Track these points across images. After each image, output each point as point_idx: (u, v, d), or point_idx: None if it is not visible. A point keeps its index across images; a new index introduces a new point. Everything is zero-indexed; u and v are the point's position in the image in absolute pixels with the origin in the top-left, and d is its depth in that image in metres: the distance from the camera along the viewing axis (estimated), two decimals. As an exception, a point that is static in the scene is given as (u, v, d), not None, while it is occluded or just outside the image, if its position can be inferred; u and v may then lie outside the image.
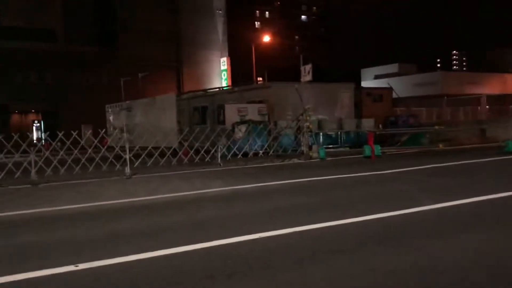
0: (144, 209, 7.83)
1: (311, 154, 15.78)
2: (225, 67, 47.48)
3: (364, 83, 46.88)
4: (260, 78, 56.47)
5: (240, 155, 16.10)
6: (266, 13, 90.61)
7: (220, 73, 48.04)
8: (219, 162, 14.16)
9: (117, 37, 43.86)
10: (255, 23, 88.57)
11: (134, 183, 11.19)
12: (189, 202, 8.43)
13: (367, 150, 15.48)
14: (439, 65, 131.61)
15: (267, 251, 4.95)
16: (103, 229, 6.39)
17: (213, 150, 14.85)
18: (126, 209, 7.89)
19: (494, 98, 37.25)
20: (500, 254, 4.56)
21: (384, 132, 18.84)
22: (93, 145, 13.85)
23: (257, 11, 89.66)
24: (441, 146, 17.63)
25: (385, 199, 7.82)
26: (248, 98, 21.13)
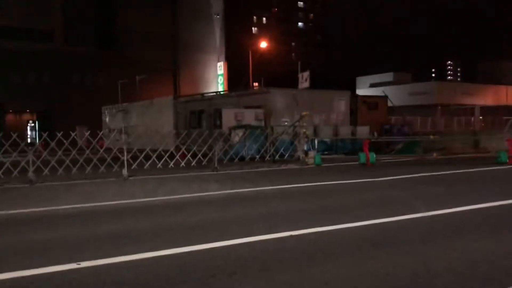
0: (143, 210, 7.93)
1: (307, 160, 15.93)
2: (222, 72, 47.67)
3: (360, 91, 47.22)
4: (256, 84, 56.67)
5: (237, 160, 16.22)
6: (264, 19, 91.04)
7: (217, 77, 48.21)
8: (216, 166, 14.25)
9: (115, 39, 43.97)
10: (252, 29, 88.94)
11: (132, 185, 11.27)
12: (187, 205, 8.53)
13: (362, 157, 15.65)
14: (434, 75, 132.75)
15: (266, 253, 5.08)
16: (104, 229, 6.48)
17: (210, 154, 14.96)
18: (125, 210, 7.98)
19: (488, 109, 37.70)
20: (493, 260, 4.71)
21: (379, 140, 19.03)
22: (91, 146, 13.92)
23: (255, 17, 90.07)
24: (436, 155, 17.85)
25: (380, 206, 7.97)
26: (245, 103, 21.28)
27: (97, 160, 13.66)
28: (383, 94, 29.83)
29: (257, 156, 16.84)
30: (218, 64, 48.38)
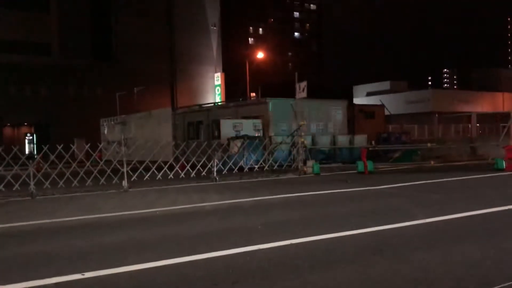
0: (144, 221, 7.99)
1: (306, 169, 16.02)
2: (219, 82, 47.88)
3: (356, 100, 47.51)
4: (253, 94, 56.92)
5: (236, 170, 16.31)
6: (260, 30, 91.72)
7: (214, 88, 48.41)
8: (215, 177, 14.33)
9: (112, 51, 44.19)
10: (249, 39, 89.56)
11: (132, 196, 11.32)
12: (188, 215, 8.60)
13: (360, 166, 15.75)
14: (430, 83, 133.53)
15: (267, 262, 5.15)
16: (106, 240, 6.54)
17: (209, 165, 15.04)
18: (126, 221, 8.04)
19: (484, 116, 37.93)
20: (490, 265, 4.80)
21: (377, 148, 19.16)
22: (91, 159, 13.99)
23: (251, 28, 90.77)
24: (433, 163, 17.96)
25: (379, 213, 8.05)
26: (243, 114, 21.40)
27: (97, 172, 13.72)
28: (380, 103, 30.06)
29: (256, 166, 16.92)
30: (215, 75, 48.60)
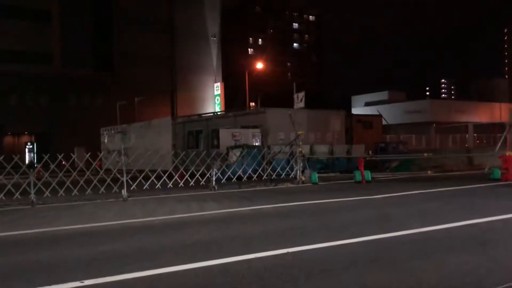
0: (143, 230, 8.08)
1: (304, 179, 16.13)
2: (219, 92, 48.14)
3: (355, 110, 47.75)
4: (253, 103, 57.21)
5: (234, 179, 16.40)
6: (259, 40, 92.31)
7: (214, 98, 48.66)
8: (214, 186, 14.42)
9: (113, 62, 44.51)
10: (249, 50, 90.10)
11: (132, 205, 11.41)
12: (186, 224, 8.69)
13: (358, 176, 15.87)
14: (428, 93, 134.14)
15: (264, 270, 5.25)
16: (106, 248, 6.63)
17: (208, 174, 15.14)
18: (126, 230, 8.13)
19: (482, 126, 38.11)
20: (483, 273, 4.90)
21: (374, 158, 19.29)
22: (91, 168, 14.09)
23: (251, 38, 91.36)
24: (430, 173, 18.09)
25: (375, 223, 8.15)
26: (242, 123, 21.57)
27: (97, 181, 13.82)
28: (378, 113, 30.26)
29: (254, 176, 17.02)
30: (215, 85, 48.90)
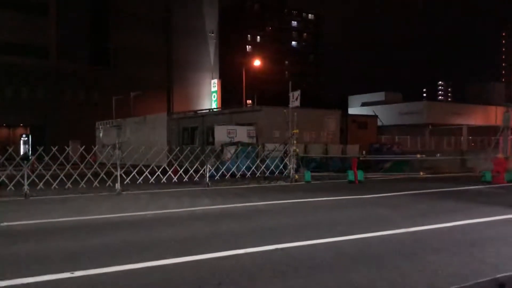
0: (135, 224, 8.14)
1: (297, 177, 16.22)
2: (216, 89, 48.10)
3: (351, 110, 47.85)
4: (249, 101, 57.23)
5: (228, 176, 16.47)
6: (258, 38, 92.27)
7: (210, 95, 48.64)
8: (207, 182, 14.49)
9: (109, 56, 44.42)
10: (246, 47, 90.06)
11: (125, 199, 11.47)
12: (178, 219, 8.76)
13: (351, 175, 15.96)
14: (425, 95, 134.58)
15: (253, 265, 5.33)
16: (97, 241, 6.69)
17: (202, 170, 15.20)
18: (118, 224, 8.19)
19: (477, 129, 38.29)
20: (467, 273, 4.99)
21: (368, 159, 19.40)
22: (85, 161, 14.12)
23: (249, 36, 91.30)
24: (422, 174, 18.22)
25: (365, 222, 8.25)
26: (238, 120, 21.61)
27: (91, 175, 13.85)
28: (373, 114, 30.37)
29: (248, 173, 17.09)
30: (212, 82, 48.85)
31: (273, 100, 35.37)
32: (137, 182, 14.11)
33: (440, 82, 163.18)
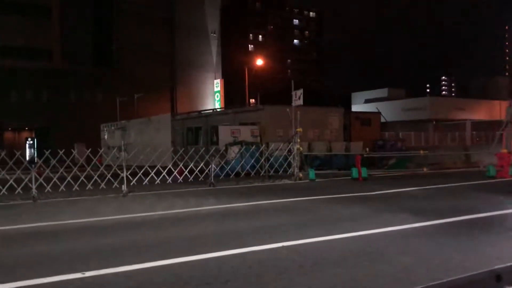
0: (143, 224, 8.28)
1: (301, 176, 16.32)
2: (219, 89, 48.20)
3: (355, 107, 47.86)
4: (253, 100, 57.29)
5: (233, 175, 16.59)
6: (260, 37, 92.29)
7: (214, 94, 48.75)
8: (212, 182, 14.62)
9: (113, 57, 44.57)
10: (249, 46, 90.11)
11: (131, 200, 11.62)
12: (184, 218, 8.89)
13: (355, 172, 16.05)
14: (428, 90, 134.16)
15: (258, 263, 5.45)
16: (106, 242, 6.83)
17: (207, 170, 15.33)
18: (126, 224, 8.33)
19: (481, 124, 38.25)
20: (469, 266, 5.08)
21: (372, 155, 19.48)
22: (92, 163, 14.28)
23: (251, 34, 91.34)
24: (425, 170, 18.27)
25: (368, 218, 8.35)
26: (241, 120, 21.74)
27: (97, 177, 14.01)
28: (376, 110, 30.41)
29: (253, 172, 17.21)
30: (215, 81, 48.95)
31: (276, 98, 35.43)
32: (143, 183, 14.26)
33: (444, 77, 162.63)
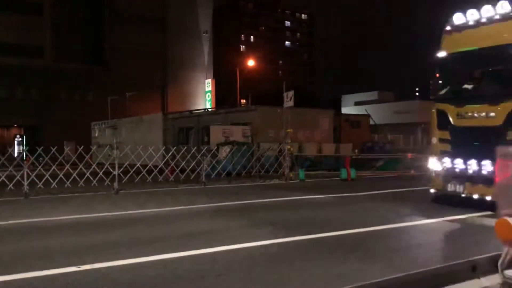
0: (135, 221, 8.42)
1: (292, 176, 16.52)
2: (210, 88, 48.23)
3: (345, 109, 48.28)
4: (244, 100, 57.44)
5: (224, 175, 16.73)
6: (251, 38, 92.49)
7: (205, 94, 48.82)
8: (204, 181, 14.75)
9: (104, 56, 44.46)
10: (240, 47, 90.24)
11: (123, 198, 11.71)
12: (176, 216, 9.04)
13: (344, 173, 16.30)
14: (418, 94, 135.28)
15: (250, 258, 5.64)
16: (100, 237, 6.96)
17: (198, 169, 15.46)
18: (118, 221, 8.46)
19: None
20: (451, 256, 5.29)
21: (361, 157, 19.76)
22: (84, 161, 14.32)
23: (243, 35, 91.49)
24: (413, 172, 18.59)
25: (357, 218, 8.57)
26: (233, 120, 21.89)
27: (89, 174, 14.05)
28: (366, 113, 30.78)
29: (244, 172, 17.36)
30: (206, 81, 48.99)
31: (268, 99, 35.65)
32: (135, 182, 14.34)
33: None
